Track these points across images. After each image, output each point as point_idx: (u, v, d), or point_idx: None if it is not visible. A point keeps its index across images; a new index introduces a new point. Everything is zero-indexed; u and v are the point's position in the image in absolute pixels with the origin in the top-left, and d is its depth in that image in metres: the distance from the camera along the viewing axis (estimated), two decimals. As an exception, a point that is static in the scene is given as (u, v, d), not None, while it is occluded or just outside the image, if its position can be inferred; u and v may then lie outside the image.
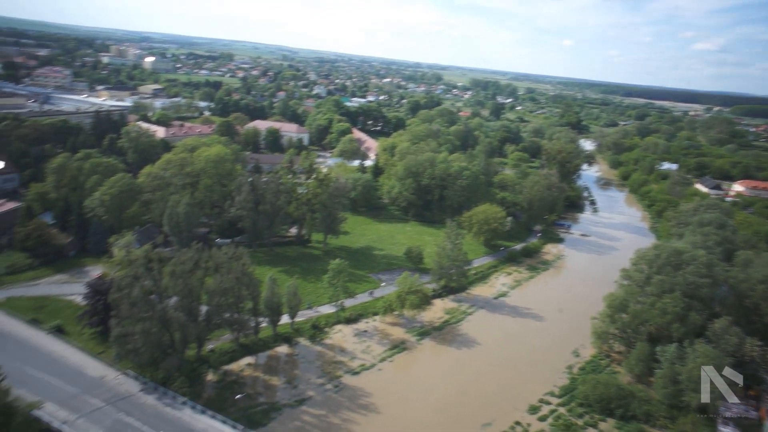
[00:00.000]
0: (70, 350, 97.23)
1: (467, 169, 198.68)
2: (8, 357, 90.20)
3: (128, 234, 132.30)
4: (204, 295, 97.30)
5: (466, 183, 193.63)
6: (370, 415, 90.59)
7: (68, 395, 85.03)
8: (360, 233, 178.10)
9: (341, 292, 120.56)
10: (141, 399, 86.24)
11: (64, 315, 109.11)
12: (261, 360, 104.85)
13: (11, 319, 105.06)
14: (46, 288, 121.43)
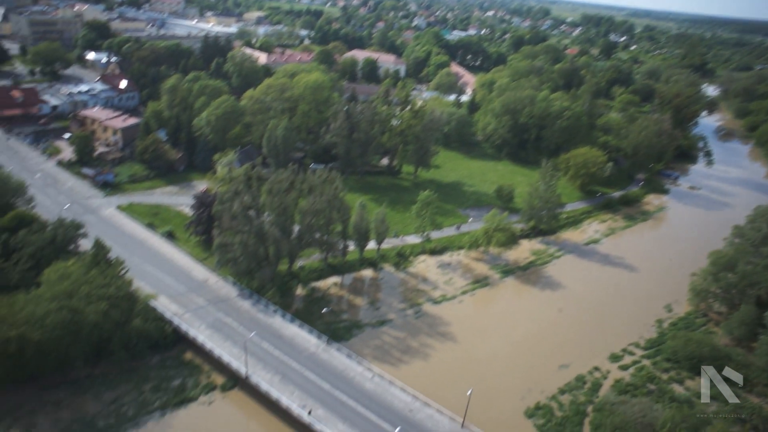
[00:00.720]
0: (179, 254, 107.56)
1: (569, 109, 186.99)
2: (130, 254, 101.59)
3: (231, 153, 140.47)
4: (297, 215, 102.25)
5: (567, 124, 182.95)
6: (447, 342, 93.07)
7: (177, 292, 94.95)
8: (450, 168, 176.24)
9: (428, 223, 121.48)
10: (237, 303, 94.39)
11: (175, 222, 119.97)
12: (347, 281, 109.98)
13: (132, 222, 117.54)
14: (159, 197, 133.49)
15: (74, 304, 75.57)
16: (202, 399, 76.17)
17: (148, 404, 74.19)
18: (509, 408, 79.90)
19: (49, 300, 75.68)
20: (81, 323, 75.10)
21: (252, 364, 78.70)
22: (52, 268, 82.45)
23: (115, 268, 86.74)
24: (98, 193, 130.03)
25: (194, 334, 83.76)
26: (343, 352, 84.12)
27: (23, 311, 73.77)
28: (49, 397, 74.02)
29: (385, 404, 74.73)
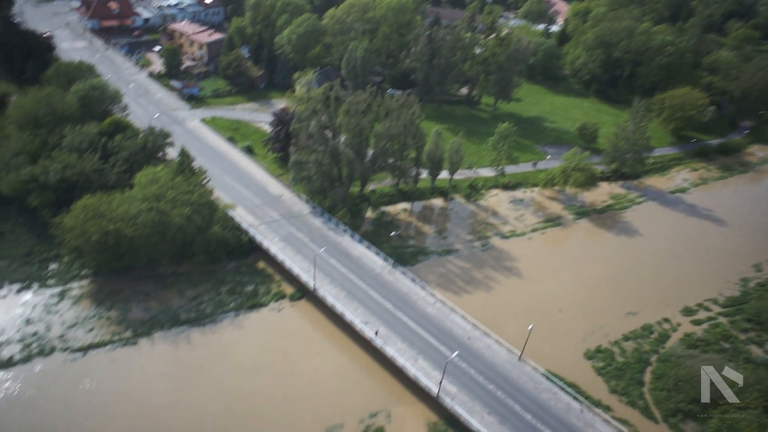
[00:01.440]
0: (257, 168, 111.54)
1: (672, 44, 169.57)
2: (212, 165, 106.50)
3: (310, 73, 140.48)
4: (372, 138, 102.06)
5: (667, 61, 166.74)
6: (512, 277, 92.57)
7: (254, 205, 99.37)
8: (532, 102, 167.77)
9: (504, 157, 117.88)
10: (309, 220, 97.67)
11: (253, 138, 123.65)
12: (416, 208, 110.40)
13: (215, 135, 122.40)
14: (240, 113, 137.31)
15: (162, 207, 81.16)
16: (272, 306, 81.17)
17: (224, 304, 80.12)
18: (569, 348, 79.49)
19: (141, 201, 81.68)
20: (167, 225, 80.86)
21: (320, 279, 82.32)
22: (143, 172, 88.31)
23: (198, 177, 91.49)
24: (184, 106, 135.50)
25: (268, 245, 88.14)
26: (407, 275, 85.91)
27: (119, 209, 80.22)
28: (141, 288, 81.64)
29: (444, 329, 76.51)
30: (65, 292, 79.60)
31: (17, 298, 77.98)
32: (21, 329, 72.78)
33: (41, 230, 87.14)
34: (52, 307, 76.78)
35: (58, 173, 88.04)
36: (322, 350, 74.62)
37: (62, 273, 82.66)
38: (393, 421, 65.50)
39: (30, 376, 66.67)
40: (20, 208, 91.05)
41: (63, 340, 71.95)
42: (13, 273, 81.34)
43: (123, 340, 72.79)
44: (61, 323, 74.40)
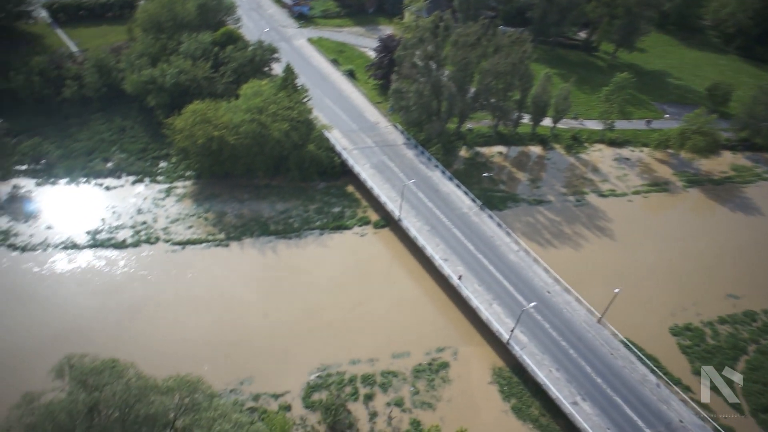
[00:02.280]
0: (356, 93, 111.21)
1: None
2: (313, 85, 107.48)
3: (420, 0, 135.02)
4: (477, 74, 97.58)
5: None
6: (604, 238, 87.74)
7: (350, 129, 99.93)
8: (659, 54, 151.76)
9: (616, 110, 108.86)
10: (402, 151, 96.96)
11: (357, 63, 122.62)
12: (512, 153, 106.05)
13: (319, 55, 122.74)
14: (346, 36, 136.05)
15: (263, 119, 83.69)
16: (356, 230, 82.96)
17: (310, 221, 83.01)
18: (654, 319, 75.16)
19: (244, 111, 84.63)
20: (266, 137, 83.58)
21: (405, 210, 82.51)
22: (249, 84, 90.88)
23: (299, 95, 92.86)
24: (293, 23, 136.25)
25: (359, 171, 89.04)
26: (494, 219, 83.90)
27: (224, 117, 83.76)
28: (237, 195, 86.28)
29: (524, 279, 74.78)
30: (171, 190, 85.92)
31: (132, 189, 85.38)
32: (133, 217, 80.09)
33: (156, 129, 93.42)
34: (159, 202, 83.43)
35: (174, 77, 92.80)
36: (399, 280, 75.89)
37: (170, 171, 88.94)
38: (459, 359, 66.25)
39: (139, 259, 73.87)
40: (140, 107, 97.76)
41: (166, 232, 78.44)
42: (130, 166, 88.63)
43: (216, 241, 78.04)
44: (166, 217, 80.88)
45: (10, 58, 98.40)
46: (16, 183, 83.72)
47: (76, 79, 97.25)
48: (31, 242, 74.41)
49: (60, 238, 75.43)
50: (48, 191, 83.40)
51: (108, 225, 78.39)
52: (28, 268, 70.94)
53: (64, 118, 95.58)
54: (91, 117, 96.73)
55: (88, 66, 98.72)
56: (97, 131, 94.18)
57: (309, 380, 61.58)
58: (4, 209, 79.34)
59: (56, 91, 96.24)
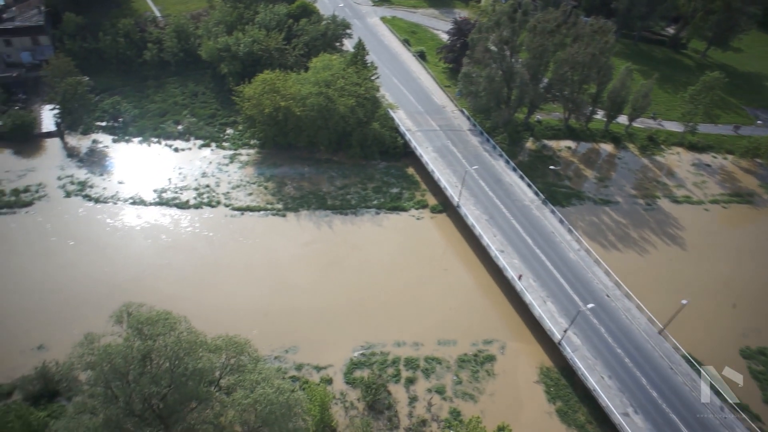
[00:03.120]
0: (425, 75, 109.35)
1: None
2: (382, 64, 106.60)
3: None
4: (552, 64, 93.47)
5: None
6: (673, 246, 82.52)
7: (415, 110, 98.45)
8: (757, 55, 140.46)
9: (701, 112, 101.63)
10: (466, 137, 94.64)
11: (428, 45, 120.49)
12: (581, 149, 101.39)
13: (391, 35, 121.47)
14: (419, 17, 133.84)
15: (330, 93, 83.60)
16: (413, 212, 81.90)
17: (368, 200, 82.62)
18: (723, 338, 70.01)
19: (312, 84, 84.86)
20: (332, 111, 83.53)
21: (465, 197, 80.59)
22: (320, 57, 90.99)
23: (368, 72, 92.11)
24: (368, 1, 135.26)
25: (421, 153, 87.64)
26: (556, 215, 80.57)
27: (292, 88, 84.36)
28: (297, 167, 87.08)
29: (582, 279, 71.47)
30: (235, 156, 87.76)
31: (198, 152, 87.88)
32: (197, 179, 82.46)
33: (226, 97, 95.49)
34: (223, 167, 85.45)
35: (247, 46, 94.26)
36: (451, 266, 74.41)
37: (235, 138, 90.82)
38: (506, 354, 64.31)
39: (201, 221, 76.08)
40: (213, 74, 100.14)
41: (227, 197, 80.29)
42: (199, 130, 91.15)
43: (274, 210, 79.13)
44: (228, 182, 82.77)
45: (101, 20, 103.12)
46: (96, 138, 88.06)
47: (156, 43, 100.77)
48: (103, 195, 78.12)
49: (129, 194, 78.78)
50: (122, 148, 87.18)
51: (174, 185, 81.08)
52: (101, 219, 74.60)
53: (142, 80, 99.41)
54: (167, 80, 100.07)
55: (169, 31, 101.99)
56: (171, 94, 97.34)
57: (353, 356, 61.59)
58: (83, 162, 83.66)
59: (138, 54, 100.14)
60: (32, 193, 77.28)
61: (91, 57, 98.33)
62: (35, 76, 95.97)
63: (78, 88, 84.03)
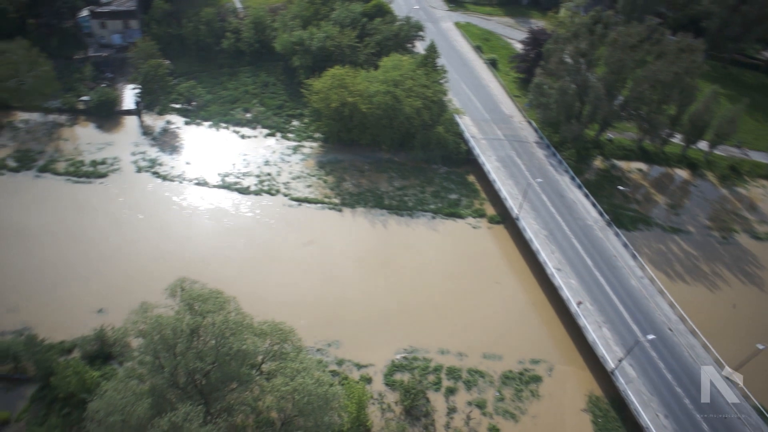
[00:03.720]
0: (495, 83, 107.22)
1: None
2: (452, 67, 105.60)
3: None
4: (630, 81, 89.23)
5: None
6: (751, 286, 76.50)
7: (481, 118, 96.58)
8: None
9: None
10: (532, 149, 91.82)
11: (500, 53, 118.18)
12: (654, 172, 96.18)
13: (463, 40, 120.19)
14: (494, 25, 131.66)
15: (397, 93, 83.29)
16: (470, 220, 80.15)
17: (425, 203, 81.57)
18: (797, 389, 64.02)
19: (380, 82, 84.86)
20: (397, 111, 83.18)
21: (525, 210, 78.03)
22: (390, 57, 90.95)
23: (437, 75, 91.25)
24: (443, 5, 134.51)
25: (483, 161, 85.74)
26: (620, 239, 76.56)
27: (360, 85, 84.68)
28: (358, 164, 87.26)
29: (643, 309, 67.36)
30: (298, 148, 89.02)
31: (264, 141, 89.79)
32: (260, 167, 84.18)
33: (295, 89, 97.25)
34: (285, 157, 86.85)
35: (320, 41, 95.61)
36: (505, 280, 72.13)
37: (300, 131, 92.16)
38: (553, 377, 61.47)
39: (260, 207, 77.53)
40: (285, 66, 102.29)
41: (287, 187, 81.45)
42: (266, 119, 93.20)
43: (331, 204, 79.52)
44: (289, 173, 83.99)
45: (186, 8, 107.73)
46: (170, 119, 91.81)
47: (234, 33, 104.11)
48: (171, 173, 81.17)
49: (195, 174, 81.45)
50: (193, 130, 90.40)
51: (237, 170, 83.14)
52: (167, 197, 77.52)
53: (218, 67, 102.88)
54: (241, 69, 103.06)
55: (247, 22, 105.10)
56: (243, 83, 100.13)
57: (395, 358, 60.67)
58: (156, 141, 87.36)
59: (216, 42, 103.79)
60: (108, 165, 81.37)
61: (174, 42, 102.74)
62: (122, 57, 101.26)
63: (159, 70, 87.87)
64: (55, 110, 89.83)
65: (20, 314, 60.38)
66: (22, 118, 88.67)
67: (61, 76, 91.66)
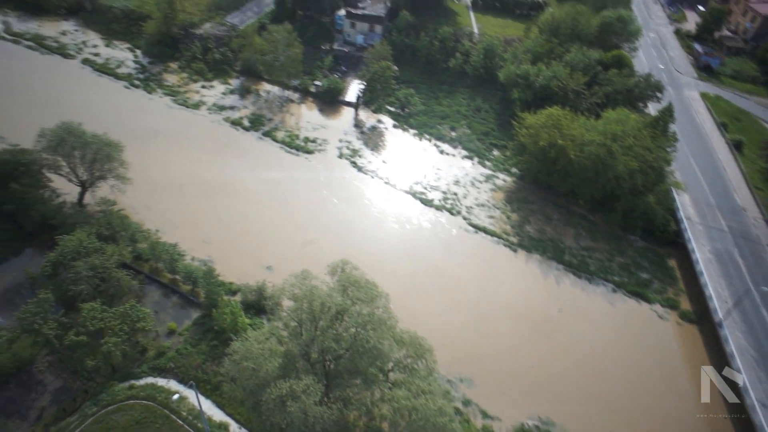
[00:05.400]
0: (733, 167, 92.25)
1: None
2: (684, 138, 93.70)
3: None
4: None
5: None
6: None
7: (704, 201, 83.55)
8: None
9: None
10: (763, 252, 76.31)
11: (750, 136, 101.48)
12: None
13: (706, 113, 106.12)
14: (750, 104, 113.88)
15: (614, 148, 76.13)
16: (657, 308, 69.33)
17: (608, 272, 72.93)
18: None
19: (598, 133, 78.47)
20: (608, 168, 75.94)
21: (732, 319, 64.79)
22: (617, 111, 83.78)
23: (665, 141, 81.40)
24: (693, 73, 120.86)
25: (694, 248, 73.70)
26: None
27: (575, 131, 79.40)
28: (548, 211, 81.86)
29: None
30: (491, 177, 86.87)
31: (460, 161, 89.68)
32: (449, 185, 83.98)
33: (505, 121, 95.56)
34: (476, 183, 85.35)
35: (546, 80, 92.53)
36: (682, 391, 60.41)
37: (499, 161, 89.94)
38: None
39: (437, 223, 77.28)
40: (502, 97, 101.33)
41: (468, 211, 79.79)
42: (469, 142, 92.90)
43: (507, 242, 75.59)
44: (475, 198, 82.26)
45: (427, 23, 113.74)
46: (381, 118, 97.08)
47: (464, 55, 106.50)
48: (366, 167, 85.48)
49: (386, 174, 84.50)
50: (398, 134, 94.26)
51: (426, 182, 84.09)
52: (359, 187, 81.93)
53: (438, 83, 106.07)
54: (459, 90, 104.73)
55: (479, 47, 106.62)
56: (458, 103, 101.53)
57: (525, 423, 54.52)
58: (363, 134, 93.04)
59: (444, 59, 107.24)
60: (317, 144, 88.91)
61: (407, 51, 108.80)
62: (359, 56, 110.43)
63: (386, 72, 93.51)
64: (291, 88, 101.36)
65: (210, 247, 68.44)
66: (265, 89, 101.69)
67: (305, 61, 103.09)
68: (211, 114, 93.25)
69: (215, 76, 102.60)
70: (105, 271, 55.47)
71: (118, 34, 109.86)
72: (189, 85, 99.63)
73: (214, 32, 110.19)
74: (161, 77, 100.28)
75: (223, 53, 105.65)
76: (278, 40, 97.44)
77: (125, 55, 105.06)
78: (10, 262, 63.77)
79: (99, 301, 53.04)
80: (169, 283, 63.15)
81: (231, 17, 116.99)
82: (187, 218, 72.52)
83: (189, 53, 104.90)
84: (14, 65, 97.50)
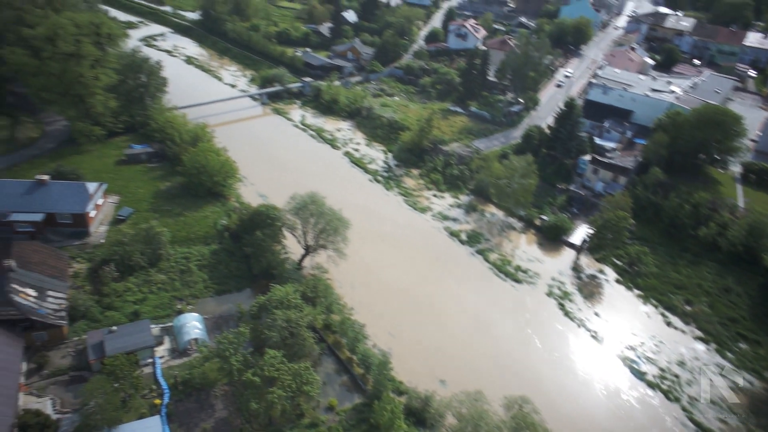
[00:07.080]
0: None
1: None
2: None
3: None
4: None
5: None
6: None
7: None
8: None
9: None
10: None
11: None
12: None
13: None
14: None
15: None
16: None
17: None
18: None
19: None
20: None
21: None
22: None
23: None
24: None
25: None
26: None
27: None
28: None
29: None
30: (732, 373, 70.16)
31: (692, 341, 75.54)
32: (670, 363, 70.46)
33: (763, 312, 78.32)
34: (708, 372, 69.76)
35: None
36: None
37: (744, 357, 72.65)
38: None
39: (650, 406, 64.57)
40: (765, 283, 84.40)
41: (691, 404, 64.88)
42: (708, 323, 78.10)
43: None
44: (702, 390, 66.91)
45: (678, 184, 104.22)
46: (604, 269, 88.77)
47: (720, 226, 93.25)
48: (575, 314, 77.78)
49: (595, 327, 75.30)
50: (618, 290, 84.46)
51: (642, 351, 72.04)
52: (562, 332, 74.42)
53: (680, 249, 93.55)
54: (705, 262, 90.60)
55: (742, 223, 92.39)
56: (701, 276, 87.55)
57: None
58: (580, 280, 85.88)
59: (693, 225, 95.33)
60: (527, 276, 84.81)
61: (649, 208, 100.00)
62: (594, 202, 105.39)
63: (621, 223, 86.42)
64: (516, 216, 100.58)
65: (394, 341, 68.17)
66: (490, 211, 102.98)
67: (537, 194, 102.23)
68: (434, 220, 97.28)
69: (448, 188, 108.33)
70: (296, 327, 58.49)
71: (378, 137, 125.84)
72: (423, 191, 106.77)
73: (458, 151, 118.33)
74: (401, 179, 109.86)
75: (461, 171, 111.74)
76: (516, 168, 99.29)
77: (378, 155, 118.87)
78: (232, 295, 72.56)
79: (281, 352, 55.52)
80: (345, 360, 63.63)
81: (478, 142, 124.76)
82: (382, 307, 73.98)
83: (431, 164, 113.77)
84: (299, 146, 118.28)
